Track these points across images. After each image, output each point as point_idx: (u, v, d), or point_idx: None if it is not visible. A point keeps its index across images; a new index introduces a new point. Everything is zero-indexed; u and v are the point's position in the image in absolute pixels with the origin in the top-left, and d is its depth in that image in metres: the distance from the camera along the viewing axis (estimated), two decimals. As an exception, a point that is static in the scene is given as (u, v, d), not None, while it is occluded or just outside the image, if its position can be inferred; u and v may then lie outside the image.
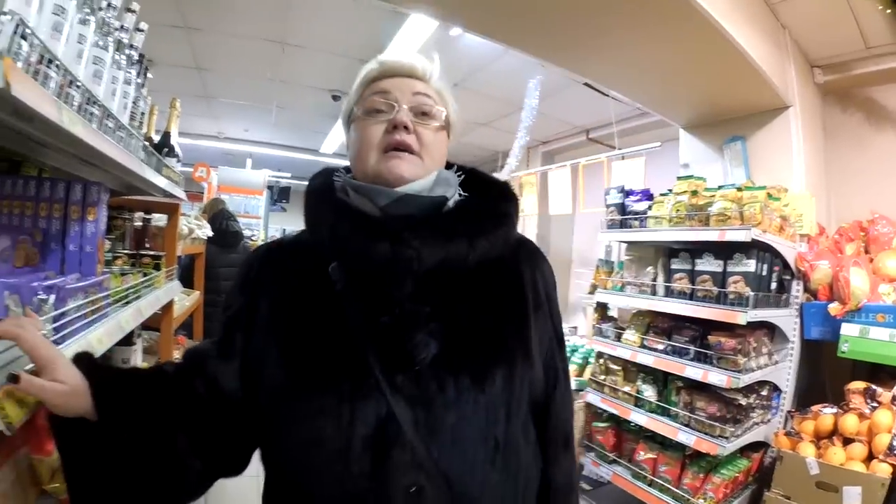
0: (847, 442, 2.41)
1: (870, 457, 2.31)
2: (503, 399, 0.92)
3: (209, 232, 3.96)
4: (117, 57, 1.46)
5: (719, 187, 2.90)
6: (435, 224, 0.93)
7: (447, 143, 1.05)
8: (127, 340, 1.74)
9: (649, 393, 3.05)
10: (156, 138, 2.26)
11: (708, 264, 2.78)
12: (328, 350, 0.89)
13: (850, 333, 2.56)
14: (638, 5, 2.45)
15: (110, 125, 1.39)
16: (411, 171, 0.95)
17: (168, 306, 2.51)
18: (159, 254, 2.16)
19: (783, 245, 2.75)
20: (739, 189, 2.74)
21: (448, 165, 1.07)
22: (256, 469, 1.00)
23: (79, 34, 1.19)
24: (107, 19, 1.37)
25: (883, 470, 2.19)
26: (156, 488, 0.89)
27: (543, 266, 1.09)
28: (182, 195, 2.48)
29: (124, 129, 1.53)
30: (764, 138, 3.40)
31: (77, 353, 0.90)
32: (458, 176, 1.05)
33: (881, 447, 2.27)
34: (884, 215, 3.01)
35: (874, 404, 2.47)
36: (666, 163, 4.21)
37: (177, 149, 2.41)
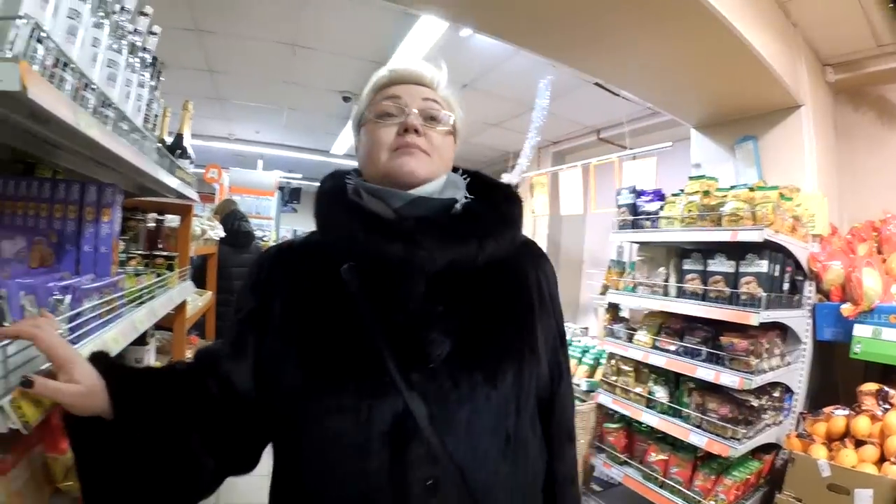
0: (859, 444, 2.38)
1: (882, 459, 2.28)
2: (513, 394, 0.95)
3: (221, 233, 3.98)
4: (131, 60, 1.47)
5: (731, 187, 2.88)
6: (446, 226, 0.95)
7: (454, 148, 1.08)
8: (140, 340, 1.75)
9: (661, 394, 3.03)
10: (168, 140, 2.28)
11: (720, 265, 2.76)
12: (344, 349, 0.91)
13: (863, 334, 2.53)
14: (648, 5, 2.44)
15: (125, 127, 1.41)
16: (421, 168, 0.97)
17: (181, 306, 2.53)
18: (172, 254, 2.18)
19: (795, 245, 2.72)
20: (752, 189, 2.72)
21: (453, 169, 1.10)
22: (267, 468, 1.01)
23: (93, 37, 1.20)
24: (120, 23, 1.39)
25: (895, 472, 2.17)
26: (169, 487, 0.89)
27: (546, 266, 1.12)
28: (195, 196, 2.50)
29: (138, 132, 1.55)
30: (776, 138, 3.37)
31: (93, 352, 0.90)
32: (464, 179, 1.08)
33: (893, 449, 2.24)
34: (896, 215, 2.97)
35: (886, 406, 2.44)
36: (677, 163, 4.19)
37: (189, 150, 2.43)
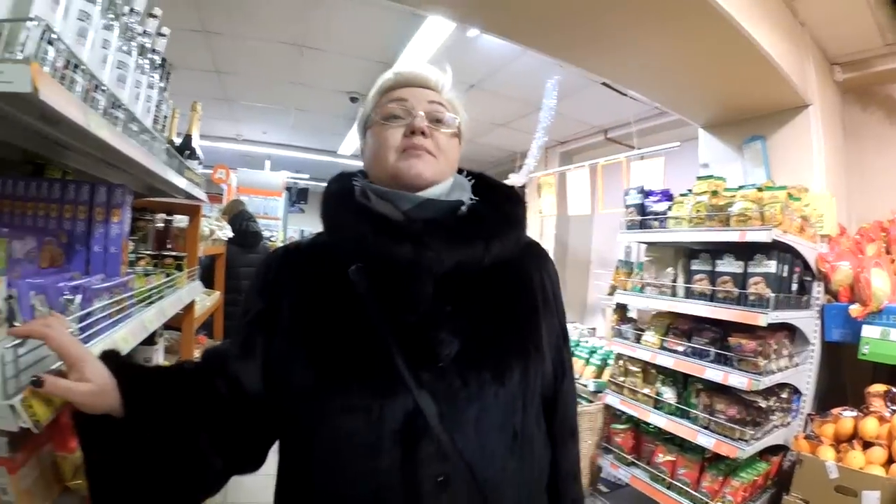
0: (867, 446, 2.36)
1: (889, 461, 2.27)
2: (520, 391, 0.98)
3: (229, 233, 4.00)
4: (140, 61, 1.48)
5: (739, 187, 2.87)
6: (453, 228, 0.97)
7: (459, 150, 1.10)
8: (149, 339, 1.76)
9: (669, 395, 3.03)
10: (177, 141, 2.29)
11: (728, 265, 2.75)
12: (354, 349, 0.92)
13: (871, 335, 2.51)
14: (655, 4, 2.43)
15: (134, 128, 1.42)
16: (429, 170, 0.99)
17: (189, 306, 2.54)
18: (181, 254, 2.18)
19: (804, 246, 2.71)
20: (760, 189, 2.71)
21: (458, 171, 1.11)
22: (273, 467, 1.02)
23: (103, 39, 1.21)
24: (130, 24, 1.40)
25: (902, 474, 2.16)
26: (176, 486, 0.90)
27: (549, 266, 1.15)
28: (203, 197, 2.51)
29: (148, 133, 1.55)
30: (784, 137, 3.36)
31: (104, 351, 0.91)
32: (469, 180, 1.10)
33: (901, 451, 2.23)
34: (905, 215, 2.95)
35: (895, 408, 2.42)
36: (685, 163, 4.18)
37: (198, 151, 2.44)
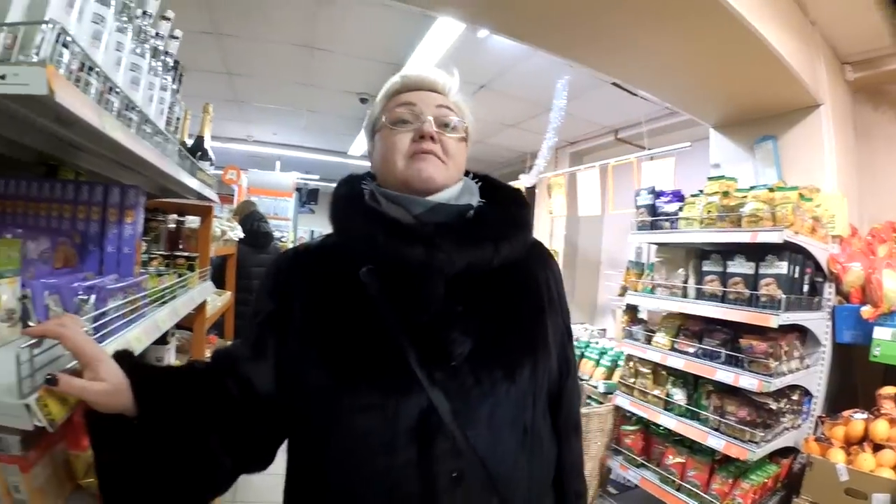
0: (877, 448, 2.34)
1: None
2: (530, 388, 1.01)
3: (241, 233, 4.02)
4: (153, 63, 1.49)
5: (751, 188, 2.86)
6: (463, 230, 0.99)
7: (466, 153, 1.11)
8: (161, 339, 1.76)
9: (679, 396, 3.01)
10: (189, 142, 2.31)
11: (739, 266, 2.74)
12: (368, 349, 0.93)
13: (883, 337, 2.49)
14: (665, 3, 2.43)
15: (148, 130, 1.43)
16: (438, 175, 1.01)
17: (201, 306, 2.55)
18: (193, 255, 2.19)
19: (815, 246, 2.69)
20: (771, 189, 2.69)
21: (465, 172, 1.13)
22: (283, 467, 1.03)
23: (117, 42, 1.22)
24: (143, 27, 1.41)
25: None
26: (186, 485, 0.90)
27: (553, 266, 1.18)
28: (215, 198, 2.52)
29: (161, 134, 1.57)
30: (795, 137, 3.34)
31: (117, 351, 0.91)
32: (477, 183, 1.11)
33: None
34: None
35: (905, 410, 2.40)
36: (696, 163, 4.15)
37: (210, 152, 2.46)
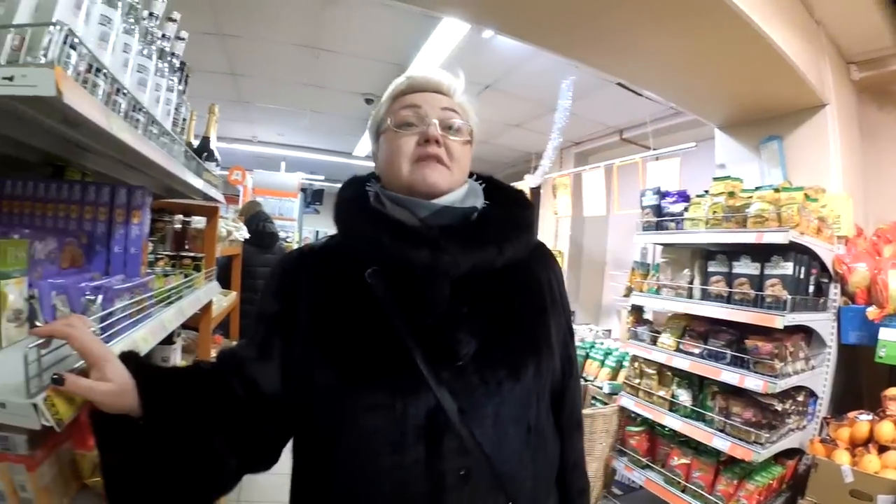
0: (882, 449, 2.33)
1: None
2: (534, 387, 1.03)
3: (246, 234, 4.03)
4: (160, 65, 1.50)
5: (756, 188, 2.84)
6: (468, 232, 1.01)
7: (471, 155, 1.12)
8: (167, 339, 1.77)
9: (684, 397, 3.00)
10: (195, 143, 2.32)
11: (745, 267, 2.72)
12: (376, 350, 0.94)
13: (888, 338, 2.47)
14: (669, 3, 2.42)
15: (154, 131, 1.43)
16: (442, 180, 1.02)
17: (207, 306, 2.55)
18: (199, 255, 2.19)
19: (821, 247, 2.68)
20: (777, 190, 2.68)
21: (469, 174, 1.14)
22: (287, 467, 1.04)
23: (124, 43, 1.23)
24: (150, 29, 1.42)
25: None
26: (191, 485, 0.91)
27: (555, 266, 1.19)
28: (221, 198, 2.53)
29: (168, 135, 1.57)
30: (801, 138, 3.32)
31: (123, 352, 0.92)
32: (480, 185, 1.13)
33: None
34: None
35: (910, 411, 2.39)
36: (701, 163, 4.14)
37: (216, 153, 2.46)
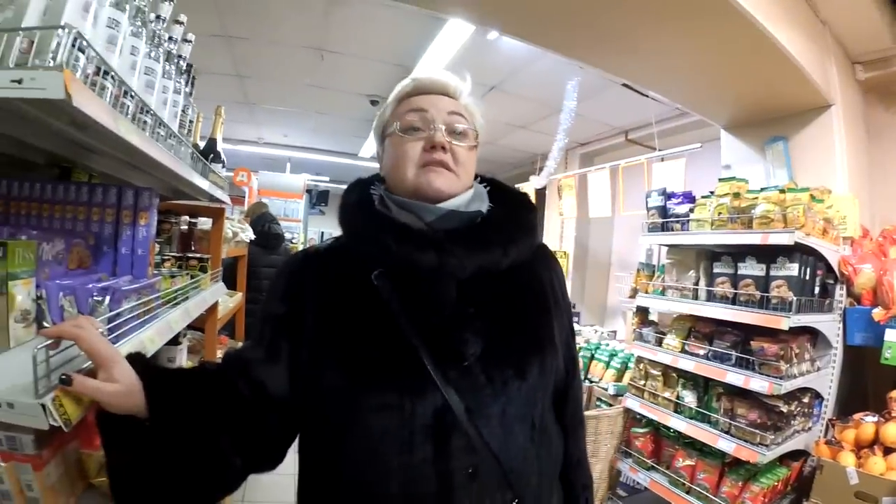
0: (888, 451, 2.32)
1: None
2: (539, 386, 1.04)
3: (252, 235, 4.03)
4: (167, 67, 1.51)
5: (762, 189, 2.84)
6: (473, 235, 1.02)
7: (476, 158, 1.13)
8: (173, 340, 1.78)
9: (689, 399, 2.99)
10: (201, 144, 2.32)
11: (750, 268, 2.71)
12: (383, 351, 0.95)
13: (894, 340, 2.46)
14: (674, 4, 2.42)
15: (162, 133, 1.44)
16: (448, 186, 1.03)
17: (213, 307, 2.56)
18: (205, 256, 2.20)
19: (826, 248, 2.67)
20: (782, 191, 2.67)
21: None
22: (290, 467, 1.04)
23: (132, 46, 1.24)
24: (157, 31, 1.42)
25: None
26: (196, 485, 0.91)
27: (557, 267, 1.21)
28: (227, 200, 2.54)
29: (174, 137, 1.58)
30: (806, 138, 3.31)
31: (130, 353, 0.93)
32: (485, 188, 1.14)
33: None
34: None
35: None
36: (707, 164, 4.13)
37: (222, 155, 2.47)
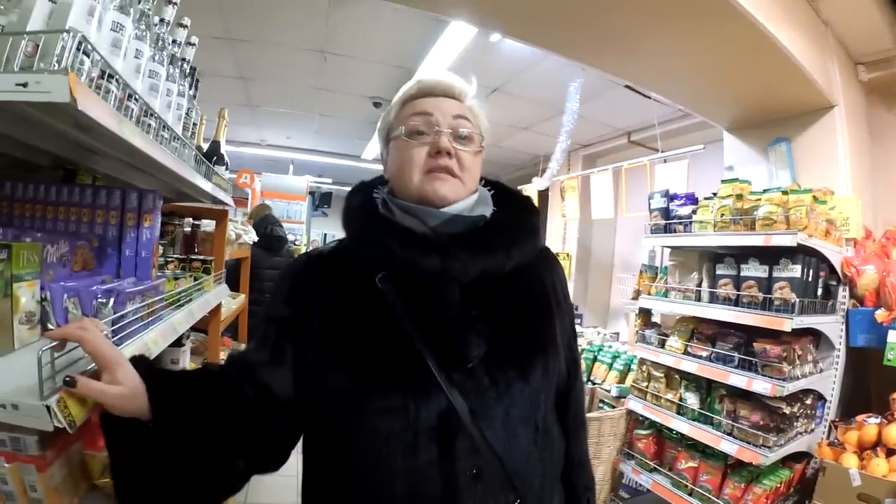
0: (890, 453, 2.32)
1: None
2: (542, 387, 1.05)
3: (255, 237, 4.04)
4: (171, 70, 1.51)
5: (764, 191, 2.83)
6: (477, 239, 1.03)
7: (481, 162, 1.13)
8: (177, 341, 1.78)
9: (692, 400, 2.99)
10: (204, 147, 2.33)
11: (753, 270, 2.72)
12: (388, 354, 0.96)
13: (897, 341, 2.46)
14: (676, 5, 2.42)
15: (165, 135, 1.45)
16: (454, 193, 1.04)
17: (216, 309, 2.57)
18: (208, 258, 2.21)
19: (829, 250, 2.67)
20: (785, 192, 2.67)
21: None
22: (292, 469, 1.04)
23: (136, 49, 1.24)
24: (161, 34, 1.43)
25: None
26: (200, 486, 0.91)
27: (559, 269, 1.22)
28: (230, 202, 2.54)
29: (178, 140, 1.59)
30: (809, 139, 3.31)
31: (134, 356, 0.93)
32: (489, 191, 1.15)
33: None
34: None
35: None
36: (709, 165, 4.13)
37: (225, 157, 2.48)
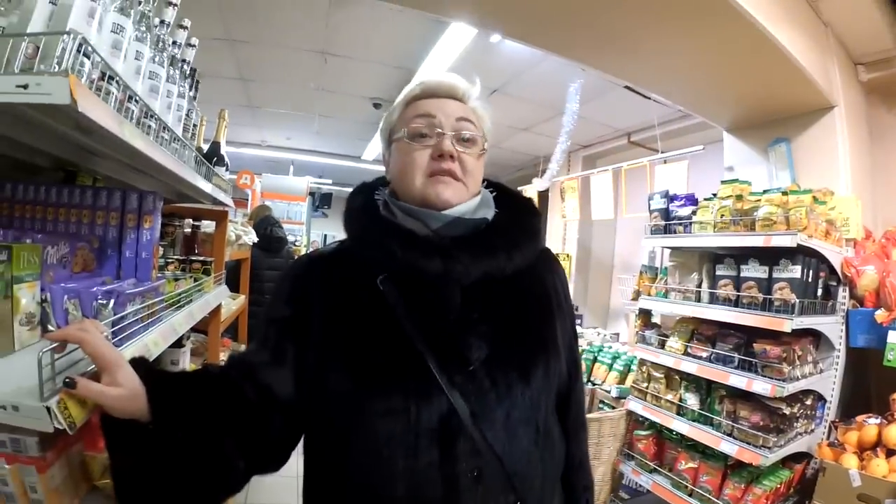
0: (890, 453, 2.32)
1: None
2: (543, 389, 1.05)
3: (255, 238, 4.04)
4: (171, 71, 1.51)
5: (764, 191, 2.83)
6: (479, 241, 1.03)
7: (483, 164, 1.13)
8: (177, 342, 1.78)
9: (692, 401, 2.99)
10: (204, 148, 2.33)
11: (753, 270, 2.72)
12: (389, 355, 0.96)
13: (897, 341, 2.45)
14: (676, 6, 2.43)
15: (166, 137, 1.45)
16: (456, 196, 1.04)
17: (216, 310, 2.56)
18: (209, 259, 2.21)
19: (829, 250, 2.67)
20: (785, 193, 2.67)
21: None
22: (293, 469, 1.04)
23: (136, 51, 1.24)
24: (161, 36, 1.43)
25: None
26: (199, 487, 0.91)
27: (560, 271, 1.22)
28: (230, 203, 2.54)
29: (178, 141, 1.59)
30: (809, 140, 3.32)
31: (133, 357, 0.93)
32: (491, 192, 1.15)
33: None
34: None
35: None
36: (709, 166, 4.13)
37: (225, 158, 2.48)
